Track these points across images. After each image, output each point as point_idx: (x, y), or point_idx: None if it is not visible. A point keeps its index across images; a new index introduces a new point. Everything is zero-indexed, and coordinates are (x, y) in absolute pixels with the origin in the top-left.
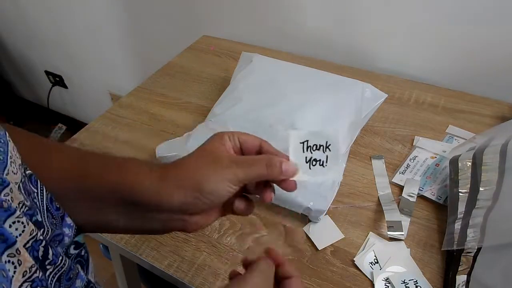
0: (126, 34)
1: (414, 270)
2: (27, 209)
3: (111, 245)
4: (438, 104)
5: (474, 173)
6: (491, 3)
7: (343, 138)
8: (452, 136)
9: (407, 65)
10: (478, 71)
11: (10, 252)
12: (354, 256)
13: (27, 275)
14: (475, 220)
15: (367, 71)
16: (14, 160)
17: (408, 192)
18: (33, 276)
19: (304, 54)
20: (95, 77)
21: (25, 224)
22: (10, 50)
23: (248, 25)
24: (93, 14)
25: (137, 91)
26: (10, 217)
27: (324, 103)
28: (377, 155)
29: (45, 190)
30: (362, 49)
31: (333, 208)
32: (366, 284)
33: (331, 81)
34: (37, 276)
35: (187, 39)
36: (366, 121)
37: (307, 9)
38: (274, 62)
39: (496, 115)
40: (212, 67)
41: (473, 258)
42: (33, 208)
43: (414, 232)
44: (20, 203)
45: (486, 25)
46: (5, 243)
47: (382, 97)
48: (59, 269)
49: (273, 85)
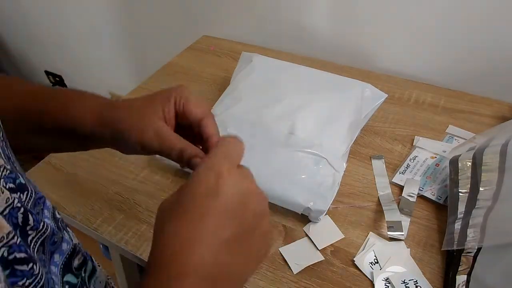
0: (126, 34)
1: (414, 270)
2: (8, 172)
3: (111, 245)
4: (438, 104)
5: (474, 173)
6: (491, 3)
7: (343, 138)
8: (452, 136)
9: (407, 65)
10: (478, 71)
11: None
12: (354, 256)
13: (4, 240)
14: (475, 220)
15: (367, 71)
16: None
17: (408, 192)
18: (10, 242)
19: (304, 54)
20: (95, 77)
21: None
22: (10, 50)
23: (248, 25)
24: (93, 14)
25: (137, 91)
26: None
27: (324, 103)
28: (377, 155)
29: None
30: (362, 49)
31: (333, 208)
32: (366, 284)
33: (331, 81)
34: (15, 242)
35: (187, 39)
36: (366, 121)
37: (307, 9)
38: (274, 62)
39: (496, 115)
40: (212, 67)
41: (473, 258)
42: (14, 172)
43: (414, 232)
44: (1, 166)
45: (486, 25)
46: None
47: (382, 97)
48: (42, 234)
49: (273, 85)
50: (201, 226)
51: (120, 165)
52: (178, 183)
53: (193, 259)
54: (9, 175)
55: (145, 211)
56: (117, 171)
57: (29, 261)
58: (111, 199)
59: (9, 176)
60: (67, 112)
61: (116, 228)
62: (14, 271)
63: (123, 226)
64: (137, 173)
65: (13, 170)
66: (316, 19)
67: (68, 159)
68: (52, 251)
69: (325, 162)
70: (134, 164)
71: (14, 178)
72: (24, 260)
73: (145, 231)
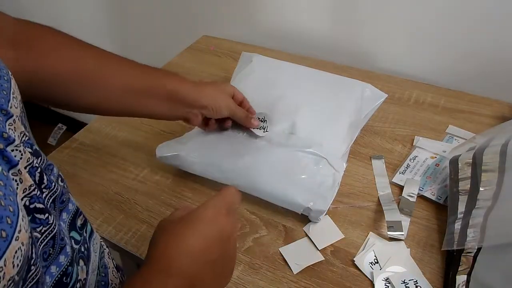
0: (126, 34)
1: (414, 270)
2: (27, 138)
3: (111, 245)
4: (438, 104)
5: (474, 173)
6: (491, 3)
7: (343, 138)
8: (452, 136)
9: (407, 65)
10: (478, 71)
11: (13, 171)
12: (354, 256)
13: (27, 192)
14: (475, 220)
15: (367, 71)
16: (16, 96)
17: (408, 192)
18: (31, 193)
19: (304, 54)
20: None
21: (22, 152)
22: None
23: (248, 25)
24: (93, 14)
25: None
26: (10, 145)
27: (324, 103)
28: (377, 155)
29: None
30: (362, 49)
31: (333, 208)
32: (366, 284)
33: (331, 81)
34: (35, 193)
35: (187, 39)
36: (366, 121)
37: (307, 9)
38: (274, 62)
39: (496, 115)
40: (212, 67)
41: (473, 258)
42: (31, 139)
43: (414, 232)
44: (22, 133)
45: (486, 25)
46: (9, 164)
47: (382, 97)
48: (53, 193)
49: (273, 85)
50: (193, 241)
51: (120, 165)
52: (178, 183)
53: (177, 263)
54: (27, 141)
55: (145, 211)
56: (117, 171)
57: (45, 211)
58: (111, 199)
59: (28, 141)
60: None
61: (116, 228)
62: (34, 218)
63: (123, 226)
64: (137, 173)
65: (30, 137)
66: (316, 19)
67: (68, 159)
68: (61, 209)
69: (325, 162)
70: (134, 164)
71: (31, 144)
72: (42, 210)
73: (145, 231)
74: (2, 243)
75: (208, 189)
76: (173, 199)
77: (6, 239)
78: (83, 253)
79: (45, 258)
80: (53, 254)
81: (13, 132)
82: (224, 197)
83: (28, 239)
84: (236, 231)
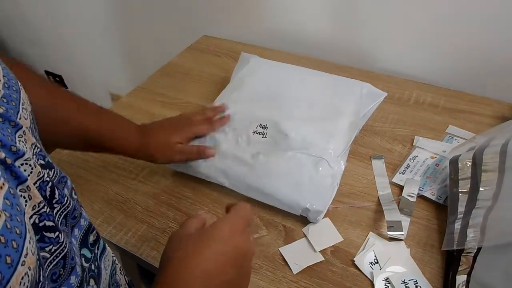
0: (126, 34)
1: (414, 270)
2: (39, 150)
3: (111, 245)
4: (438, 104)
5: (474, 173)
6: (491, 3)
7: (342, 138)
8: (452, 136)
9: (407, 65)
10: (478, 71)
11: (22, 188)
12: (354, 256)
13: (36, 209)
14: (475, 220)
15: (367, 71)
16: (26, 107)
17: (408, 192)
18: (41, 211)
19: (304, 54)
20: (95, 77)
21: (32, 166)
22: (10, 50)
23: (248, 25)
24: (93, 14)
25: (137, 91)
26: (19, 159)
27: (323, 103)
28: (377, 155)
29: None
30: (362, 49)
31: (333, 208)
32: (366, 284)
33: (329, 81)
34: (45, 211)
35: (187, 39)
36: (365, 120)
37: (307, 9)
38: (272, 63)
39: (496, 115)
40: (212, 67)
41: (473, 258)
42: (43, 151)
43: (414, 232)
44: (33, 144)
45: (486, 25)
46: (17, 180)
47: (381, 96)
48: (65, 208)
49: (271, 86)
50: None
51: (120, 165)
52: (178, 183)
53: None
54: (39, 153)
55: (145, 211)
56: (117, 171)
57: (56, 229)
58: (111, 199)
59: (40, 153)
60: (112, 135)
61: (116, 228)
62: (43, 237)
63: (123, 226)
64: (137, 173)
65: (42, 149)
66: (316, 19)
67: (68, 159)
68: (73, 225)
69: (324, 162)
70: (134, 164)
71: (44, 156)
72: (52, 228)
73: (145, 231)
74: (7, 270)
75: (208, 189)
76: (173, 199)
77: (11, 265)
78: (94, 272)
79: (54, 279)
80: (64, 275)
81: (24, 144)
82: (239, 213)
83: (36, 262)
84: (252, 246)
